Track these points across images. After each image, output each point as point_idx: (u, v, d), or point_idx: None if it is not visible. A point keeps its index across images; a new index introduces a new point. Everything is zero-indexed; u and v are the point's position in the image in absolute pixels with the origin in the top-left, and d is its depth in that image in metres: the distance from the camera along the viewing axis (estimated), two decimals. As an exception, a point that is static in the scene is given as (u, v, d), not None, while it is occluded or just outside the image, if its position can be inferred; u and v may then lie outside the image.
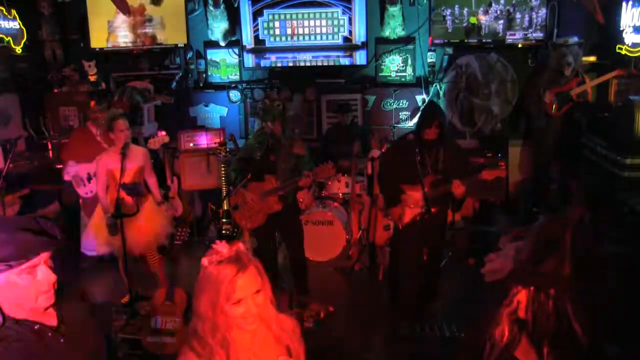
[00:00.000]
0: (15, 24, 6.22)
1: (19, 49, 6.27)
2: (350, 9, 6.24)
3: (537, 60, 6.09)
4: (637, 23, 4.87)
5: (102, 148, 4.39)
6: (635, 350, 3.15)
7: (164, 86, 6.67)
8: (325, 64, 6.48)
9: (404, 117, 6.51)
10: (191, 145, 5.86)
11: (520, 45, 5.99)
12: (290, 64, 6.54)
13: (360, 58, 6.38)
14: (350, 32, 6.31)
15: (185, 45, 6.56)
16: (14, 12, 6.17)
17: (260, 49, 6.52)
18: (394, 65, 6.47)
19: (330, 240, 5.25)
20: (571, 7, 5.74)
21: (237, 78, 6.79)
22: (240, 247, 1.67)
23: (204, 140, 5.86)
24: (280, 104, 4.11)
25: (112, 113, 4.17)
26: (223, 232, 4.91)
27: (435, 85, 6.38)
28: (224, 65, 6.76)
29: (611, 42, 5.22)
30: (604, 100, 5.50)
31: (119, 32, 6.59)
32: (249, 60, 6.58)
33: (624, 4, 5.00)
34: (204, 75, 6.78)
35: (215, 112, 6.89)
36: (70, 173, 4.82)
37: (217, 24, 6.44)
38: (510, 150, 6.03)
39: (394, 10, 6.06)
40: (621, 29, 5.06)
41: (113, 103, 5.39)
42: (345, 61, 6.44)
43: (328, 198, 5.52)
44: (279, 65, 6.56)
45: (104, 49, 6.63)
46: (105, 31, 6.59)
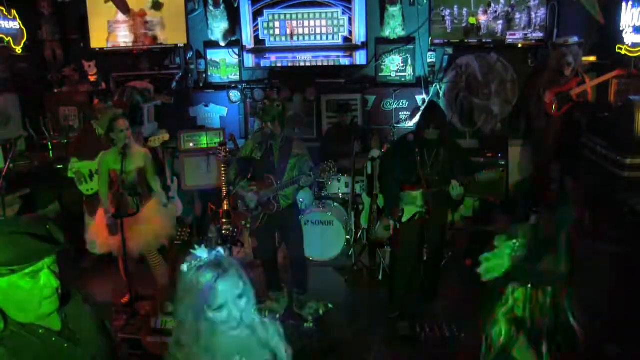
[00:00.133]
0: (15, 24, 6.22)
1: (19, 49, 6.27)
2: (350, 9, 6.23)
3: (537, 60, 6.08)
4: (637, 23, 4.86)
5: (105, 146, 4.39)
6: (635, 350, 3.15)
7: (164, 86, 6.66)
8: (325, 64, 6.48)
9: (404, 117, 6.51)
10: (191, 145, 5.87)
11: (520, 45, 5.99)
12: (290, 64, 6.54)
13: (360, 58, 6.38)
14: (350, 32, 6.31)
15: (185, 45, 6.55)
16: (14, 12, 6.17)
17: (260, 49, 6.51)
18: (394, 65, 6.47)
19: (330, 240, 5.25)
20: (571, 7, 5.73)
21: (237, 78, 6.78)
22: (220, 251, 1.65)
23: (204, 140, 5.86)
24: (280, 104, 4.10)
25: (112, 113, 4.18)
26: (223, 232, 4.91)
27: (435, 85, 6.38)
28: (224, 65, 6.76)
29: (611, 42, 5.22)
30: (604, 100, 5.50)
31: (119, 32, 6.59)
32: (249, 60, 6.58)
33: (624, 4, 4.99)
34: (204, 75, 6.77)
35: (215, 112, 6.88)
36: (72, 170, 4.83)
37: (217, 24, 6.43)
38: (510, 150, 6.03)
39: (394, 11, 6.05)
40: (621, 29, 5.05)
41: (113, 103, 5.40)
42: (345, 61, 6.43)
43: (328, 198, 5.52)
44: (279, 65, 6.56)
45: (104, 49, 6.62)
46: (105, 31, 6.58)
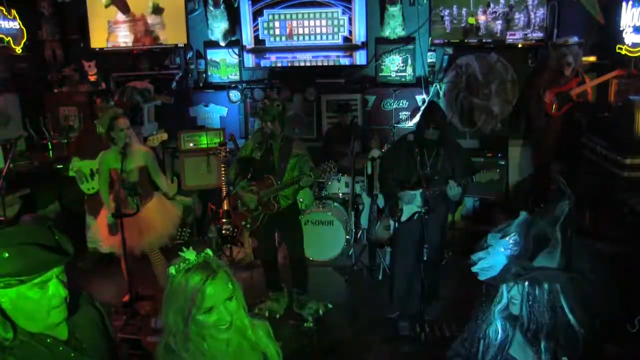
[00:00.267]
0: (15, 24, 6.21)
1: (19, 49, 6.27)
2: (350, 9, 6.23)
3: (537, 60, 6.08)
4: (637, 23, 4.86)
5: (106, 145, 4.38)
6: (635, 350, 3.15)
7: (164, 86, 6.66)
8: (325, 64, 6.47)
9: (404, 117, 6.51)
10: (191, 145, 5.87)
11: (520, 45, 5.98)
12: (290, 64, 6.54)
13: (360, 58, 6.38)
14: (350, 32, 6.30)
15: (185, 45, 6.55)
16: (14, 12, 6.17)
17: (260, 49, 6.51)
18: (394, 65, 6.46)
19: (330, 240, 5.25)
20: (571, 7, 5.73)
21: (237, 78, 6.78)
22: (209, 253, 1.62)
23: (204, 140, 5.87)
24: (280, 104, 4.09)
25: (113, 112, 4.18)
26: (223, 232, 4.91)
27: (435, 85, 6.37)
28: (224, 65, 6.76)
29: (611, 42, 5.22)
30: (604, 100, 5.50)
31: (119, 32, 6.59)
32: (249, 60, 6.57)
33: (624, 4, 4.99)
34: (204, 75, 6.77)
35: (215, 112, 6.88)
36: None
37: (217, 24, 6.43)
38: (510, 150, 6.04)
39: (394, 10, 6.04)
40: (621, 29, 5.05)
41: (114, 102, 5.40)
42: (345, 61, 6.43)
43: (328, 198, 5.52)
44: (279, 65, 6.55)
45: (104, 49, 6.62)
46: (105, 31, 6.58)
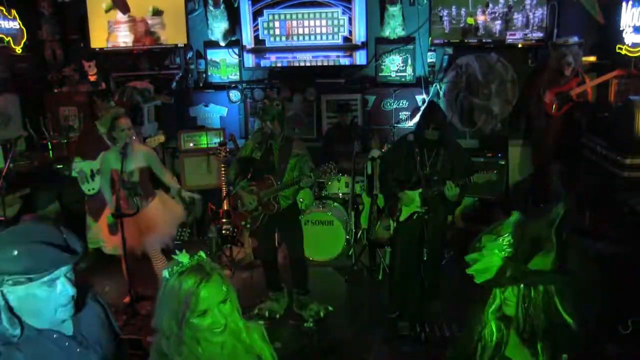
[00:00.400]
0: (15, 24, 6.21)
1: (19, 49, 6.27)
2: (350, 9, 6.23)
3: (537, 60, 6.08)
4: (637, 23, 4.86)
5: (107, 146, 4.38)
6: (635, 350, 3.16)
7: (164, 86, 6.66)
8: (325, 64, 6.47)
9: (404, 117, 6.51)
10: (191, 145, 5.87)
11: (520, 45, 5.98)
12: (290, 64, 6.54)
13: (360, 58, 6.38)
14: (350, 32, 6.30)
15: (185, 45, 6.55)
16: (14, 12, 6.16)
17: (260, 49, 6.51)
18: (394, 65, 6.46)
19: (330, 240, 5.25)
20: (571, 7, 5.73)
21: (237, 78, 6.78)
22: (203, 256, 1.62)
23: (204, 140, 5.87)
24: (279, 104, 4.09)
25: (115, 112, 4.17)
26: (223, 232, 4.92)
27: (435, 85, 6.38)
28: (224, 65, 6.76)
29: (611, 42, 5.22)
30: (604, 100, 5.50)
31: (119, 32, 6.59)
32: (249, 60, 6.57)
33: (624, 4, 4.99)
34: (204, 75, 6.77)
35: (215, 112, 6.88)
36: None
37: (217, 24, 6.43)
38: (510, 150, 6.04)
39: (394, 10, 6.05)
40: (621, 29, 5.05)
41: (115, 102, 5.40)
42: (345, 61, 6.43)
43: (328, 198, 5.52)
44: (279, 65, 6.55)
45: (104, 49, 6.62)
46: (105, 31, 6.58)
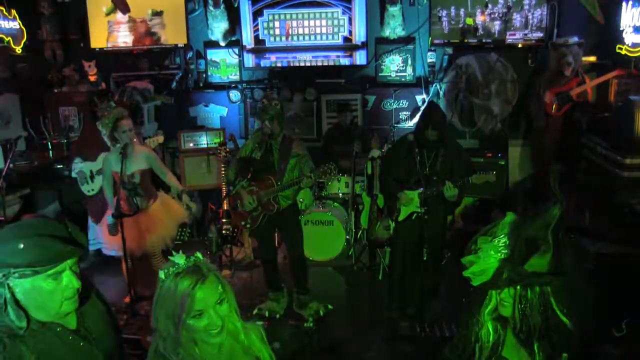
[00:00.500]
0: (15, 24, 6.21)
1: (19, 49, 6.26)
2: (350, 9, 6.23)
3: (537, 60, 6.08)
4: (637, 23, 4.86)
5: (107, 146, 4.37)
6: (635, 350, 3.15)
7: (164, 86, 6.66)
8: (325, 64, 6.47)
9: (404, 117, 6.51)
10: (191, 145, 5.87)
11: (520, 45, 5.98)
12: (290, 64, 6.54)
13: (360, 58, 6.38)
14: (350, 32, 6.30)
15: (185, 45, 6.55)
16: (14, 12, 6.16)
17: (260, 49, 6.51)
18: (394, 65, 6.46)
19: (330, 240, 5.26)
20: (571, 7, 5.73)
21: (237, 78, 6.78)
22: (199, 256, 1.61)
23: (204, 140, 5.87)
24: (277, 103, 4.09)
25: (117, 112, 4.16)
26: (223, 232, 4.91)
27: (435, 85, 6.38)
28: (224, 65, 6.76)
29: (611, 42, 5.22)
30: (604, 100, 5.50)
31: (119, 32, 6.58)
32: (249, 60, 6.57)
33: (624, 4, 4.99)
34: (204, 75, 6.77)
35: (215, 112, 6.88)
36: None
37: (217, 24, 6.43)
38: (510, 150, 6.04)
39: (394, 10, 6.05)
40: (621, 29, 5.05)
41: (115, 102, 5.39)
42: (345, 61, 6.43)
43: (328, 198, 5.52)
44: (279, 65, 6.55)
45: (104, 49, 6.62)
46: (105, 31, 6.58)
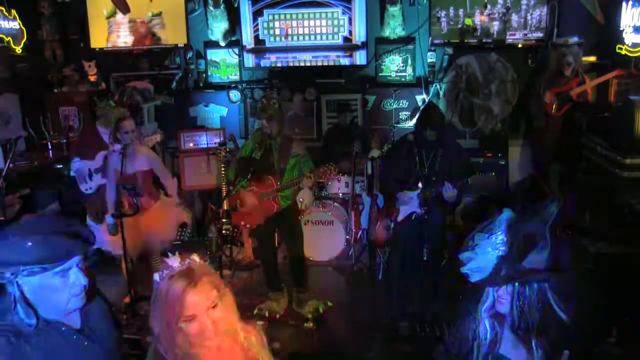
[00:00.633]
0: (15, 24, 6.21)
1: (19, 49, 6.27)
2: (350, 9, 6.23)
3: (537, 60, 6.08)
4: (637, 23, 4.86)
5: (107, 146, 4.36)
6: (635, 350, 3.16)
7: (164, 86, 6.66)
8: (325, 64, 6.47)
9: (404, 117, 6.51)
10: (191, 145, 5.87)
11: (520, 45, 5.99)
12: (290, 64, 6.54)
13: (360, 58, 6.38)
14: (350, 32, 6.30)
15: (185, 45, 6.55)
16: (14, 12, 6.16)
17: (260, 49, 6.51)
18: (394, 65, 6.46)
19: (330, 240, 5.25)
20: (571, 7, 5.73)
21: (237, 78, 6.78)
22: (195, 259, 1.59)
23: (204, 140, 5.87)
24: (276, 102, 4.09)
25: (119, 113, 4.16)
26: (223, 232, 4.90)
27: (435, 85, 6.38)
28: (224, 65, 6.76)
29: (611, 42, 5.22)
30: (604, 100, 5.50)
31: (119, 32, 6.58)
32: (249, 60, 6.57)
33: (624, 4, 4.99)
34: (204, 75, 6.77)
35: (215, 112, 6.88)
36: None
37: (217, 24, 6.43)
38: (510, 150, 6.03)
39: (394, 10, 6.05)
40: (621, 29, 5.05)
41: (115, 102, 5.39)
42: (345, 61, 6.43)
43: (328, 198, 5.52)
44: (279, 65, 6.55)
45: (104, 49, 6.62)
46: (105, 31, 6.58)
